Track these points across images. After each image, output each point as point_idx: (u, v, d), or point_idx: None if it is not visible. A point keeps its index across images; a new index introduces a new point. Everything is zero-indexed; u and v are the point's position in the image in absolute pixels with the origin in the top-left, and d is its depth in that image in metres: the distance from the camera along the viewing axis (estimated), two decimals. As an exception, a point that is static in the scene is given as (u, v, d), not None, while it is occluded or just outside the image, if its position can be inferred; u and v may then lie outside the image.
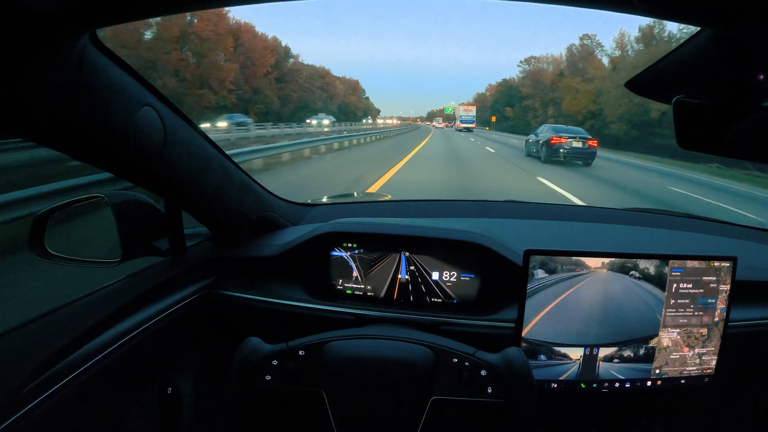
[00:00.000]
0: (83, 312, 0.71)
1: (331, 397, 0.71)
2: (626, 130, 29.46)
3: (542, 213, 1.40)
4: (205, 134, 0.84)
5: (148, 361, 0.79)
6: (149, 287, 0.82)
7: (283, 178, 7.44)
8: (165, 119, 0.70)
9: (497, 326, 0.92)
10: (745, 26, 0.37)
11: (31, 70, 0.46)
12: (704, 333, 0.86)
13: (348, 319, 0.94)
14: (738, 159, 0.51)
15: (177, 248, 0.93)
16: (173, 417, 0.86)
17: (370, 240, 1.01)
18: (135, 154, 0.65)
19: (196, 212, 0.91)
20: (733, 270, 0.85)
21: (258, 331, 0.80)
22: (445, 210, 1.43)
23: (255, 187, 1.06)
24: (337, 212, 1.31)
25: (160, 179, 0.76)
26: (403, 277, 1.00)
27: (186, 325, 0.90)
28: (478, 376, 0.71)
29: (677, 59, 0.48)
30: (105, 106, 0.58)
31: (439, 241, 0.99)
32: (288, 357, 0.73)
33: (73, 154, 0.61)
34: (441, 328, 0.92)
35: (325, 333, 0.77)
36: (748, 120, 0.46)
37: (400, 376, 0.71)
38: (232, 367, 0.72)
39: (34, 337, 0.64)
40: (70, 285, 1.75)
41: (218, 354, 0.99)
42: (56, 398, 0.60)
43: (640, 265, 0.84)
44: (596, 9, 0.40)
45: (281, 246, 1.04)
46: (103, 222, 0.87)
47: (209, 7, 0.49)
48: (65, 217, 0.88)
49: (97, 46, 0.55)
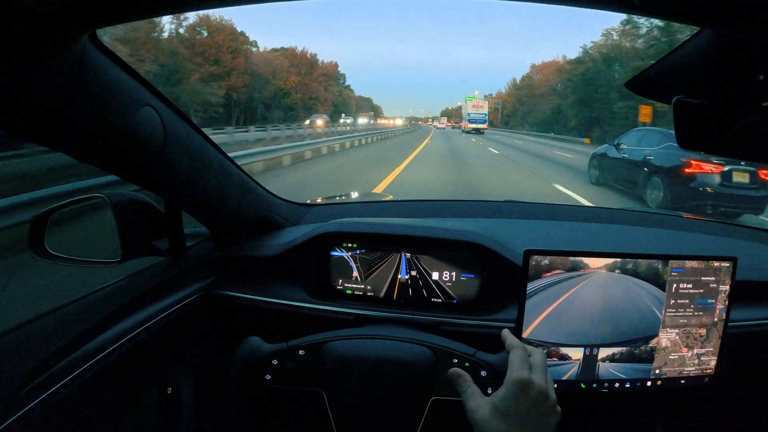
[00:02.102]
0: (83, 312, 0.71)
1: (331, 396, 0.71)
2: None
3: (542, 213, 1.40)
4: (205, 134, 0.84)
5: (148, 361, 0.79)
6: (149, 287, 0.82)
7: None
8: (165, 119, 0.70)
9: (497, 326, 0.92)
10: (745, 26, 0.37)
11: (30, 69, 0.46)
12: (703, 333, 0.86)
13: (348, 320, 0.94)
14: (738, 159, 0.51)
15: (177, 248, 0.93)
16: (173, 417, 0.86)
17: (371, 240, 1.01)
18: (135, 154, 0.65)
19: (196, 212, 0.91)
20: (732, 270, 0.85)
21: (258, 331, 0.80)
22: (446, 210, 1.43)
23: (255, 187, 1.06)
24: (337, 212, 1.32)
25: (160, 179, 0.76)
26: (403, 277, 1.00)
27: (186, 325, 0.90)
28: (478, 376, 0.71)
29: (677, 59, 0.48)
30: (105, 106, 0.58)
31: (440, 241, 0.99)
32: (288, 356, 0.73)
33: (73, 154, 0.61)
34: (441, 328, 0.92)
35: (325, 333, 0.77)
36: (748, 120, 0.46)
37: (400, 376, 0.71)
38: (232, 366, 0.72)
39: (34, 337, 0.64)
40: (70, 285, 1.75)
41: (218, 354, 0.99)
42: (56, 398, 0.59)
43: (640, 265, 0.84)
44: (596, 9, 0.40)
45: (281, 246, 1.04)
46: (103, 222, 0.87)
47: (209, 8, 0.49)
48: (65, 217, 0.88)
49: (97, 46, 0.55)
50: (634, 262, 0.84)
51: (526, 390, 0.52)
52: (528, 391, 0.52)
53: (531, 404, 0.53)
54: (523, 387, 0.52)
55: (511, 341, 0.62)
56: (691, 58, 0.46)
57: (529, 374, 0.54)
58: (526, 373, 0.54)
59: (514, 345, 0.60)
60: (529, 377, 0.54)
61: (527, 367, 0.56)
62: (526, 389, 0.52)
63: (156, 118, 0.68)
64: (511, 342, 0.62)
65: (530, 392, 0.52)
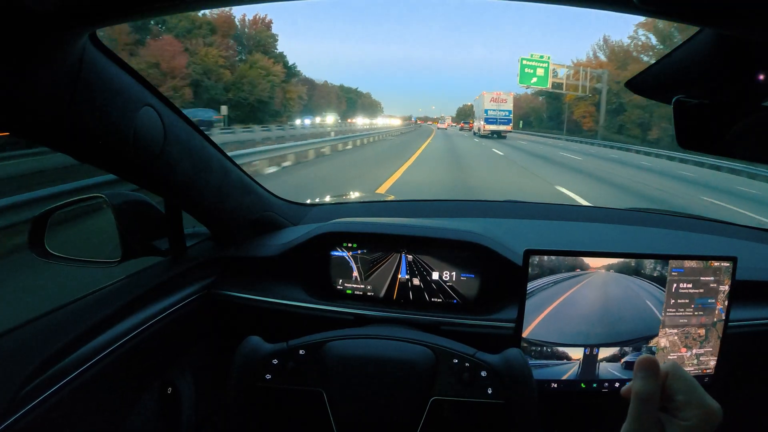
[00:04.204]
0: (83, 312, 0.71)
1: (331, 396, 0.71)
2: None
3: (542, 213, 1.41)
4: (205, 134, 0.84)
5: (148, 361, 0.79)
6: (149, 287, 0.82)
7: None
8: (165, 119, 0.70)
9: (497, 326, 0.92)
10: (745, 26, 0.37)
11: (30, 69, 0.46)
12: (702, 334, 0.86)
13: (348, 319, 0.94)
14: (738, 159, 0.51)
15: (177, 248, 0.93)
16: (173, 417, 0.86)
17: (371, 240, 1.01)
18: (135, 154, 0.65)
19: (196, 212, 0.91)
20: (733, 270, 0.85)
21: (258, 331, 0.80)
22: (446, 210, 1.43)
23: (255, 187, 1.06)
24: (337, 212, 1.32)
25: (160, 179, 0.76)
26: (403, 277, 1.00)
27: (186, 325, 0.90)
28: (478, 376, 0.71)
29: (677, 59, 0.48)
30: (105, 106, 0.58)
31: (440, 241, 0.99)
32: (288, 356, 0.73)
33: (72, 154, 0.61)
34: (441, 328, 0.92)
35: (325, 332, 0.77)
36: (748, 120, 0.46)
37: (400, 376, 0.71)
38: (232, 366, 0.72)
39: (34, 337, 0.64)
40: (69, 285, 1.75)
41: (218, 354, 0.99)
42: (56, 398, 0.59)
43: (640, 265, 0.84)
44: (596, 9, 0.40)
45: (281, 246, 1.04)
46: (103, 222, 0.87)
47: (209, 8, 0.49)
48: (65, 218, 0.88)
49: (97, 46, 0.55)
50: (634, 262, 0.84)
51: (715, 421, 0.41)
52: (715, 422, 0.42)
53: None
54: (716, 419, 0.41)
55: (665, 367, 0.43)
56: (691, 58, 0.46)
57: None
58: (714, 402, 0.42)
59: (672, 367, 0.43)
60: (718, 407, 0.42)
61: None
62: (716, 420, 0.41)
63: (156, 118, 0.68)
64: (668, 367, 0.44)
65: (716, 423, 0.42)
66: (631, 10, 0.39)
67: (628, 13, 0.40)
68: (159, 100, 0.69)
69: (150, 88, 0.67)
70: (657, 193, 8.57)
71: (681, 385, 0.42)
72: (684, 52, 0.46)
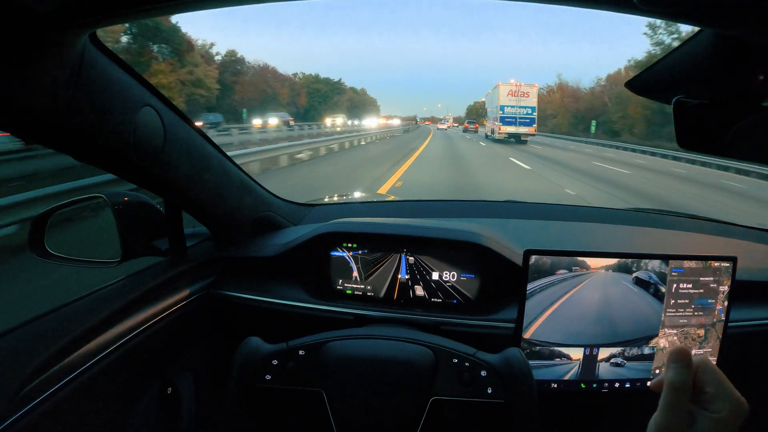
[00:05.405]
0: (83, 312, 0.71)
1: (331, 397, 0.71)
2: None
3: (542, 213, 1.40)
4: (205, 134, 0.84)
5: (148, 361, 0.79)
6: (149, 287, 0.82)
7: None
8: (165, 119, 0.70)
9: (497, 326, 0.92)
10: (745, 26, 0.37)
11: (30, 69, 0.46)
12: (701, 334, 0.86)
13: (348, 320, 0.94)
14: (738, 159, 0.51)
15: (177, 248, 0.93)
16: (173, 417, 0.86)
17: (371, 240, 1.01)
18: (135, 154, 0.65)
19: (196, 212, 0.91)
20: (732, 270, 0.85)
21: (258, 331, 0.80)
22: (446, 210, 1.43)
23: (255, 187, 1.06)
24: (337, 212, 1.32)
25: (160, 179, 0.76)
26: (403, 277, 1.00)
27: (186, 325, 0.90)
28: (478, 376, 0.71)
29: (677, 59, 0.48)
30: (105, 106, 0.58)
31: (440, 241, 0.99)
32: (288, 357, 0.73)
33: (72, 154, 0.61)
34: (441, 328, 0.92)
35: (325, 333, 0.77)
36: (748, 120, 0.46)
37: (400, 376, 0.71)
38: (232, 366, 0.72)
39: (34, 337, 0.64)
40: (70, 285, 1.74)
41: (218, 354, 0.99)
42: (56, 398, 0.60)
43: (640, 265, 0.84)
44: (596, 9, 0.40)
45: (281, 246, 1.04)
46: (103, 222, 0.87)
47: (209, 8, 0.49)
48: (65, 218, 0.88)
49: (97, 46, 0.55)
50: (634, 262, 0.84)
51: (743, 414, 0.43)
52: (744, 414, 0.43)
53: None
54: (744, 412, 0.43)
55: (695, 360, 0.43)
56: (691, 58, 0.46)
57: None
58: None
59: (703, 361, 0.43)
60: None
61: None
62: (744, 413, 0.43)
63: (156, 118, 0.68)
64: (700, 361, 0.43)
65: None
66: (631, 10, 0.39)
67: (628, 13, 0.40)
68: (159, 100, 0.69)
69: (150, 88, 0.67)
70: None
71: (711, 378, 0.42)
72: (684, 52, 0.46)
